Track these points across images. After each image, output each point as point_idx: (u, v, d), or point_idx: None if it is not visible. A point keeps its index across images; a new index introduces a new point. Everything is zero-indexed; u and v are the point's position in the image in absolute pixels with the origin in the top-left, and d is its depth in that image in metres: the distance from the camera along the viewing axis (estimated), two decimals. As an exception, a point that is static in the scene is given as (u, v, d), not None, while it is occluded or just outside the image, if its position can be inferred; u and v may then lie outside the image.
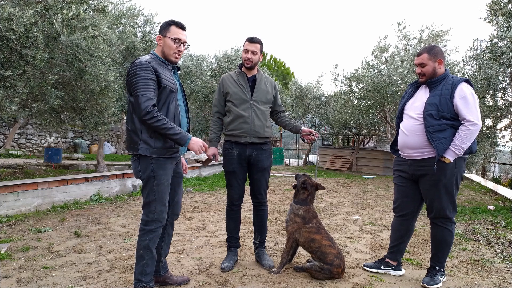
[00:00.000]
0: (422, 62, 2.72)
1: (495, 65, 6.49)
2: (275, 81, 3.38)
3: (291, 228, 2.93)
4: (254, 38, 3.03)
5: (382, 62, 11.64)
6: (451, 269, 3.10)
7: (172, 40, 2.38)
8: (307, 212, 2.93)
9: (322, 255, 2.81)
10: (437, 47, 2.77)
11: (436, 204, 2.71)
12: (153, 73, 2.27)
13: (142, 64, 2.26)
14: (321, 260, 2.82)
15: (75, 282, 2.68)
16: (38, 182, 4.98)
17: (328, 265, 2.79)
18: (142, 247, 2.35)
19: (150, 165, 2.33)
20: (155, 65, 2.31)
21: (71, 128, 15.37)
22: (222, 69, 11.68)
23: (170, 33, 2.39)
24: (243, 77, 3.08)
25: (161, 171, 2.35)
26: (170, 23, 2.41)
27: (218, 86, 3.14)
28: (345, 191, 8.17)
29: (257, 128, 3.03)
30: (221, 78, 3.15)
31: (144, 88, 2.21)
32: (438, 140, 2.59)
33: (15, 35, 3.96)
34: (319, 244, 2.84)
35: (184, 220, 4.73)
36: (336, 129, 15.77)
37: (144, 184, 2.38)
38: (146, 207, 2.37)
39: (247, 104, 3.02)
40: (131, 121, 2.33)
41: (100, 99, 5.86)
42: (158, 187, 2.35)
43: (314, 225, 2.89)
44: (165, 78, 2.33)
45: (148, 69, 2.25)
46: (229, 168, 3.10)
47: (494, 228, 4.52)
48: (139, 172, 2.37)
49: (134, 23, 8.08)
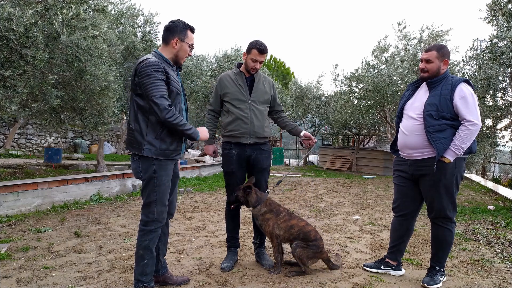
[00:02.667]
0: (430, 59, 2.70)
1: (495, 65, 6.49)
2: (274, 81, 3.37)
3: (267, 227, 2.96)
4: (264, 49, 2.98)
5: (382, 62, 11.63)
6: (451, 269, 3.10)
7: (188, 46, 2.42)
8: (270, 205, 2.99)
9: (305, 235, 2.91)
10: (446, 47, 2.76)
11: (436, 204, 2.71)
12: (163, 74, 2.27)
13: (154, 64, 2.25)
14: (306, 240, 2.90)
15: (75, 282, 2.68)
16: (38, 182, 4.98)
17: (314, 241, 2.89)
18: (142, 248, 2.35)
19: (152, 166, 2.32)
20: (165, 67, 2.31)
21: (71, 128, 15.37)
22: (222, 69, 11.67)
23: (187, 38, 2.41)
24: (242, 77, 3.08)
25: (162, 172, 2.35)
26: (186, 27, 2.41)
27: (216, 86, 3.14)
28: (345, 191, 8.17)
29: (256, 128, 3.03)
30: (219, 77, 3.14)
31: (159, 89, 2.22)
32: (438, 140, 2.59)
33: (15, 35, 3.96)
34: (298, 227, 2.94)
35: (184, 220, 4.72)
36: (336, 129, 15.76)
37: (145, 184, 2.37)
38: (146, 207, 2.37)
39: (246, 104, 3.02)
40: (136, 121, 2.32)
41: (100, 99, 5.86)
42: (159, 188, 2.35)
43: (285, 213, 2.99)
44: (173, 80, 2.34)
45: (160, 70, 2.26)
46: (228, 168, 3.10)
47: (494, 228, 4.52)
48: (140, 173, 2.36)
49: (134, 23, 8.09)
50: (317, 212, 5.48)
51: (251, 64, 3.01)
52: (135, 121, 2.32)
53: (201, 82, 11.44)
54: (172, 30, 2.39)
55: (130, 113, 2.39)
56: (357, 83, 11.98)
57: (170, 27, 2.40)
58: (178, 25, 2.39)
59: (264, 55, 2.99)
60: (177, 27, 2.39)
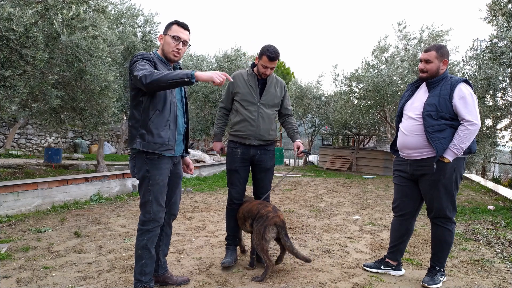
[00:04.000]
0: (429, 59, 2.71)
1: (495, 65, 6.49)
2: (285, 83, 3.36)
3: None
4: (275, 56, 2.95)
5: (382, 62, 11.63)
6: (451, 269, 3.10)
7: (171, 38, 2.38)
8: None
9: (258, 211, 2.90)
10: (445, 47, 2.76)
11: (436, 204, 2.71)
12: (152, 64, 2.30)
13: (143, 54, 2.32)
14: (252, 217, 2.93)
15: (75, 282, 2.68)
16: (38, 182, 4.98)
17: (257, 214, 2.89)
18: (141, 247, 2.35)
19: (145, 165, 2.33)
20: (156, 61, 2.35)
21: (71, 128, 15.37)
22: (222, 69, 11.68)
23: (170, 31, 2.41)
24: (254, 79, 3.08)
25: (155, 171, 2.34)
26: (173, 23, 2.43)
27: (228, 83, 3.10)
28: (345, 191, 8.17)
29: (262, 131, 3.05)
30: (233, 75, 3.10)
31: (142, 66, 2.20)
32: (438, 140, 2.59)
33: (15, 35, 3.96)
34: (254, 207, 2.95)
35: (184, 220, 4.72)
36: (336, 129, 15.77)
37: (140, 184, 2.39)
38: (143, 207, 2.38)
39: (255, 106, 3.04)
40: (132, 116, 2.36)
41: (100, 99, 5.87)
42: (153, 187, 2.35)
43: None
44: None
45: (148, 59, 2.29)
46: (232, 166, 3.12)
47: (494, 228, 4.52)
48: (135, 172, 2.39)
49: (134, 23, 8.09)
50: (317, 212, 5.49)
51: (261, 70, 3.02)
52: (132, 116, 2.36)
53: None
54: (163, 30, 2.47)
55: (130, 110, 2.42)
56: (357, 83, 11.99)
57: None
58: (167, 23, 2.45)
59: (274, 62, 2.98)
60: (166, 26, 2.45)
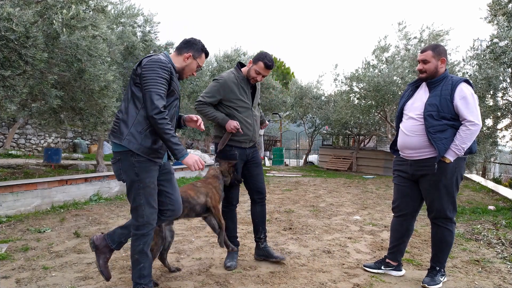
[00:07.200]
0: (426, 59, 2.70)
1: (496, 65, 6.48)
2: None
3: None
4: (272, 65, 2.96)
5: (383, 62, 11.62)
6: (451, 269, 3.09)
7: (197, 66, 2.47)
8: None
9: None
10: (442, 46, 2.77)
11: (436, 204, 2.71)
12: (169, 74, 2.27)
13: (162, 62, 2.26)
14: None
15: (74, 282, 2.67)
16: (37, 182, 4.97)
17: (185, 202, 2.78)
18: (137, 252, 2.32)
19: (134, 168, 2.25)
20: (173, 74, 2.34)
21: (70, 128, 15.35)
22: (222, 69, 11.68)
23: (200, 59, 2.47)
24: (247, 84, 3.08)
25: (145, 173, 2.28)
26: (203, 50, 2.48)
27: (217, 87, 2.99)
28: (345, 191, 8.16)
29: (256, 134, 3.16)
30: (223, 81, 2.99)
31: (158, 86, 2.20)
32: (439, 140, 2.58)
33: (15, 35, 3.96)
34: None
35: (184, 220, 4.71)
36: (336, 129, 15.74)
37: (129, 188, 2.31)
38: (134, 211, 2.31)
39: (249, 111, 3.07)
40: (126, 111, 2.28)
41: (100, 99, 5.86)
42: (144, 190, 2.28)
43: None
44: (175, 83, 2.35)
45: (167, 69, 2.26)
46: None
47: (495, 228, 4.51)
48: (121, 175, 2.31)
49: (134, 23, 8.07)
50: (317, 212, 5.48)
51: (253, 75, 3.00)
52: (125, 111, 2.29)
53: (201, 82, 11.45)
54: (190, 45, 2.45)
55: (122, 103, 2.34)
56: (357, 83, 11.97)
57: (189, 42, 2.46)
58: (198, 44, 2.46)
59: (269, 70, 3.00)
60: (195, 45, 2.45)
